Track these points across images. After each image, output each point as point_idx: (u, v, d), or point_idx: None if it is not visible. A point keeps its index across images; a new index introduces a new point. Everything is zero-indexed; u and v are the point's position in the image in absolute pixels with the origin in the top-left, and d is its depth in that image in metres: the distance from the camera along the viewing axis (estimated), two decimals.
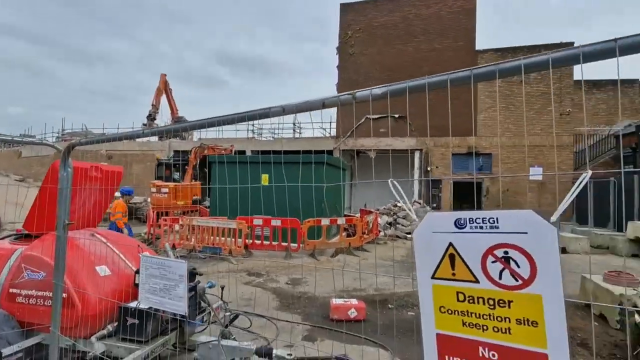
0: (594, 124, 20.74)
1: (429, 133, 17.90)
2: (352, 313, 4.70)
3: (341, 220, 9.80)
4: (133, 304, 2.30)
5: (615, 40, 0.81)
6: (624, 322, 3.82)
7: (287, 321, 4.63)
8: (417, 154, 18.46)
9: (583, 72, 0.91)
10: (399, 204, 14.72)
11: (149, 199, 16.61)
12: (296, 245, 8.78)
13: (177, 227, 9.94)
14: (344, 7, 20.29)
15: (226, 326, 3.34)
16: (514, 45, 17.41)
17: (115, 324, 2.52)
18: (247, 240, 8.89)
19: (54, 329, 2.02)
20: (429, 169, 18.00)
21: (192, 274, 3.18)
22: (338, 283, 6.31)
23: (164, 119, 28.41)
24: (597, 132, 18.92)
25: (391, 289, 5.95)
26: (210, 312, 3.57)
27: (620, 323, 4.06)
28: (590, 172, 0.82)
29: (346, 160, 18.25)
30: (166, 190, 14.48)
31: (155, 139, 24.68)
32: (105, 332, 2.47)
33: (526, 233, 0.86)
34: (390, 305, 5.39)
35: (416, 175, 18.04)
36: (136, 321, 2.35)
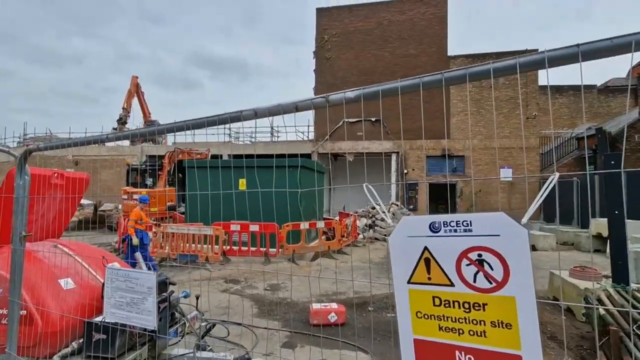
0: (557, 127, 21.92)
1: (405, 136, 18.26)
2: (332, 317, 4.67)
3: (320, 224, 9.78)
4: (99, 319, 2.17)
5: (577, 45, 0.84)
6: (590, 315, 4.01)
7: (266, 328, 4.54)
8: (393, 157, 18.78)
9: (548, 77, 0.94)
10: (377, 206, 14.87)
11: (119, 206, 15.95)
12: (275, 250, 8.67)
13: (150, 234, 9.58)
14: (320, 12, 20.43)
15: (202, 337, 3.22)
16: (483, 52, 18.14)
17: (81, 340, 2.37)
18: (224, 247, 8.69)
19: (9, 350, 1.86)
20: (405, 171, 18.35)
21: (165, 284, 3.05)
22: (317, 287, 6.27)
23: (135, 122, 27.46)
24: (560, 134, 20.00)
25: (371, 292, 5.97)
26: (184, 323, 3.44)
27: (585, 316, 4.26)
28: (557, 175, 0.84)
29: (324, 163, 18.31)
30: (138, 196, 13.93)
31: (126, 143, 23.79)
32: (69, 350, 2.31)
33: (498, 235, 0.87)
34: (369, 308, 5.41)
35: (393, 178, 18.34)
36: (103, 337, 2.21)
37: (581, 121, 22.49)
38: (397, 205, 14.59)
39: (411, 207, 17.42)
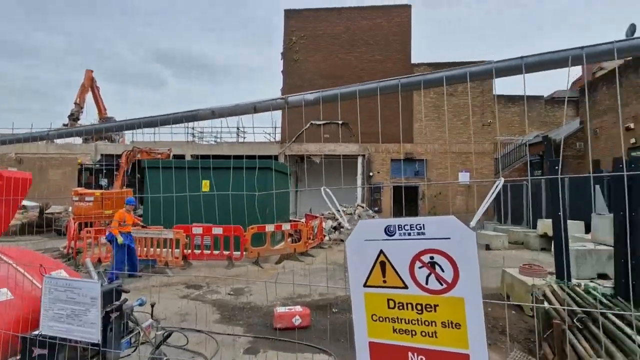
0: (510, 134, 23.49)
1: (371, 139, 18.66)
2: (297, 320, 4.64)
3: (286, 226, 9.71)
4: (36, 333, 1.97)
5: (522, 58, 0.90)
6: (536, 310, 4.31)
7: (228, 334, 4.42)
8: (359, 160, 19.12)
9: (495, 86, 0.99)
10: (343, 209, 15.06)
11: (70, 209, 14.83)
12: (239, 253, 8.48)
13: (103, 239, 9.00)
14: (288, 14, 20.37)
15: (157, 347, 3.06)
16: (446, 61, 19.04)
17: (18, 357, 2.15)
18: (185, 251, 8.35)
19: None
20: (370, 174, 18.74)
21: (117, 292, 2.87)
22: (282, 290, 6.21)
23: (89, 119, 25.78)
24: (512, 141, 21.44)
25: (335, 293, 6.01)
26: (139, 333, 3.25)
27: (533, 311, 4.57)
28: (502, 180, 0.89)
29: (291, 165, 18.24)
30: (91, 198, 13.03)
31: (78, 140, 22.24)
32: None
33: (449, 238, 0.90)
34: (334, 310, 5.44)
35: (359, 180, 18.66)
36: (44, 352, 2.02)
37: (530, 129, 24.24)
38: (363, 207, 14.86)
39: (376, 209, 17.81)
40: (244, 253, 8.53)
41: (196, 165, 11.44)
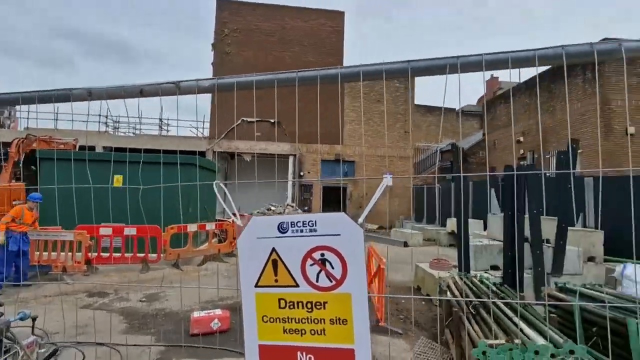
0: (428, 141, 25.86)
1: (302, 140, 18.82)
2: (216, 324, 4.42)
3: (210, 226, 9.23)
4: None
5: (408, 62, 0.95)
6: (441, 300, 4.77)
7: (135, 345, 4.00)
8: (290, 159, 19.15)
9: (384, 85, 1.03)
10: (273, 207, 14.93)
11: None
12: (156, 255, 7.80)
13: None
14: (220, 4, 19.47)
15: None
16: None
17: None
18: (90, 254, 7.39)
19: None
20: (301, 174, 18.90)
21: None
22: (203, 294, 5.88)
23: None
24: (429, 147, 23.62)
25: None
26: (18, 352, 2.78)
27: (439, 301, 5.05)
28: (389, 178, 0.93)
29: (220, 162, 17.48)
30: None
31: None
32: None
33: (339, 235, 0.90)
34: None
35: (290, 179, 18.69)
36: None
37: (444, 137, 26.99)
38: (293, 206, 14.90)
39: (306, 208, 18.04)
40: (162, 255, 7.87)
41: (108, 158, 10.24)
